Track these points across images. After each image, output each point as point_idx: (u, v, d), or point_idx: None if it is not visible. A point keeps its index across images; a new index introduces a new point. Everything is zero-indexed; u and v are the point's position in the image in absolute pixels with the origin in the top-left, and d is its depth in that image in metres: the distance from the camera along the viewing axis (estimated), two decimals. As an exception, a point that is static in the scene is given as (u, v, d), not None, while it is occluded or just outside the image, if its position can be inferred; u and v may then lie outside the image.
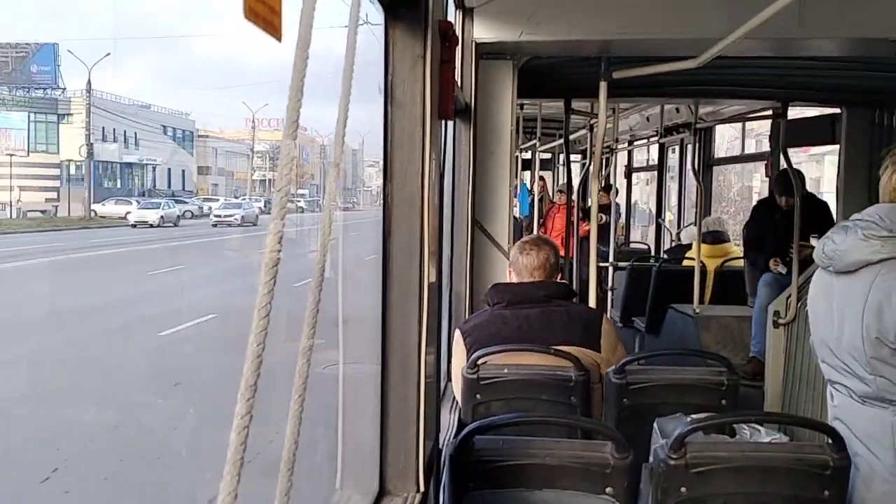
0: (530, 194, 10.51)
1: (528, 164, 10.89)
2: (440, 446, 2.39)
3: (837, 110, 6.37)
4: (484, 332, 3.25)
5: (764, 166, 7.94)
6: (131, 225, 32.39)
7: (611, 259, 8.00)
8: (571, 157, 7.43)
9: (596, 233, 4.50)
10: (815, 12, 3.57)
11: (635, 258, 8.58)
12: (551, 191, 11.83)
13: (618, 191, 9.85)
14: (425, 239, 1.92)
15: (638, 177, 12.36)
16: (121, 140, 48.55)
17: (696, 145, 7.62)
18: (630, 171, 11.52)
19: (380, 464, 1.96)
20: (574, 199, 6.65)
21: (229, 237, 28.26)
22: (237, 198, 46.58)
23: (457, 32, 3.05)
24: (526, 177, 11.78)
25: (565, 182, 8.02)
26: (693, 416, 2.60)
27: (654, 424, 2.76)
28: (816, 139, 7.42)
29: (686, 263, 7.46)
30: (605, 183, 9.23)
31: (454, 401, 3.34)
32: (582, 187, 7.10)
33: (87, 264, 19.96)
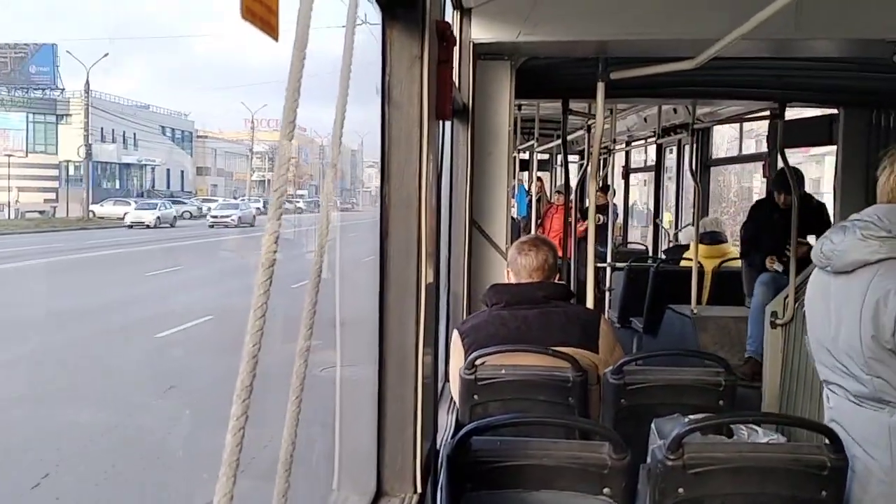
0: (528, 195, 10.53)
1: (525, 165, 10.90)
2: (437, 447, 2.39)
3: (835, 111, 6.38)
4: (482, 332, 3.24)
5: (762, 167, 7.95)
6: (127, 226, 32.31)
7: (609, 259, 8.01)
8: (569, 157, 7.43)
9: (594, 233, 4.50)
10: (811, 13, 3.57)
11: (633, 259, 8.58)
12: (549, 191, 11.83)
13: (615, 192, 9.86)
14: (423, 239, 1.92)
15: (636, 177, 12.36)
16: (119, 141, 48.48)
17: (693, 146, 7.63)
18: (628, 172, 11.53)
19: (377, 464, 1.96)
20: (572, 199, 6.65)
21: (226, 238, 28.19)
22: (236, 198, 46.46)
23: (454, 33, 3.05)
24: (524, 177, 11.80)
25: (563, 183, 8.03)
26: (691, 416, 2.59)
27: (652, 425, 2.76)
28: (814, 140, 7.43)
29: (684, 264, 7.46)
30: (602, 183, 9.24)
31: (452, 401, 3.34)
32: (579, 188, 7.11)
33: (84, 265, 19.91)
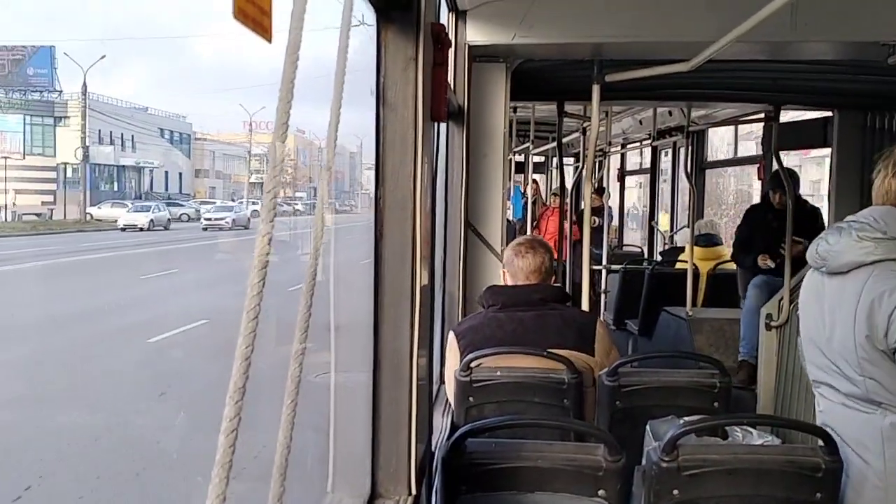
0: (523, 197, 10.53)
1: (521, 167, 10.90)
2: (433, 449, 2.39)
3: (829, 113, 6.40)
4: (478, 334, 3.23)
5: (757, 169, 7.97)
6: (120, 228, 32.18)
7: (604, 262, 8.01)
8: (564, 160, 7.44)
9: (589, 236, 4.50)
10: (807, 16, 3.58)
11: (628, 261, 8.59)
12: (544, 194, 11.84)
13: (610, 194, 9.87)
14: (417, 242, 1.91)
15: (632, 180, 12.37)
16: (117, 143, 48.45)
17: (688, 148, 7.64)
18: (623, 175, 11.54)
19: (371, 467, 1.95)
20: (567, 202, 6.66)
21: (220, 241, 28.13)
22: (234, 201, 46.38)
23: (449, 35, 3.04)
24: (519, 180, 11.80)
25: (558, 185, 8.03)
26: (685, 418, 2.59)
27: (647, 427, 2.76)
28: (808, 142, 7.45)
29: (679, 266, 7.47)
30: (598, 186, 9.24)
31: (447, 403, 3.34)
32: (575, 190, 7.11)
33: (79, 268, 19.88)
